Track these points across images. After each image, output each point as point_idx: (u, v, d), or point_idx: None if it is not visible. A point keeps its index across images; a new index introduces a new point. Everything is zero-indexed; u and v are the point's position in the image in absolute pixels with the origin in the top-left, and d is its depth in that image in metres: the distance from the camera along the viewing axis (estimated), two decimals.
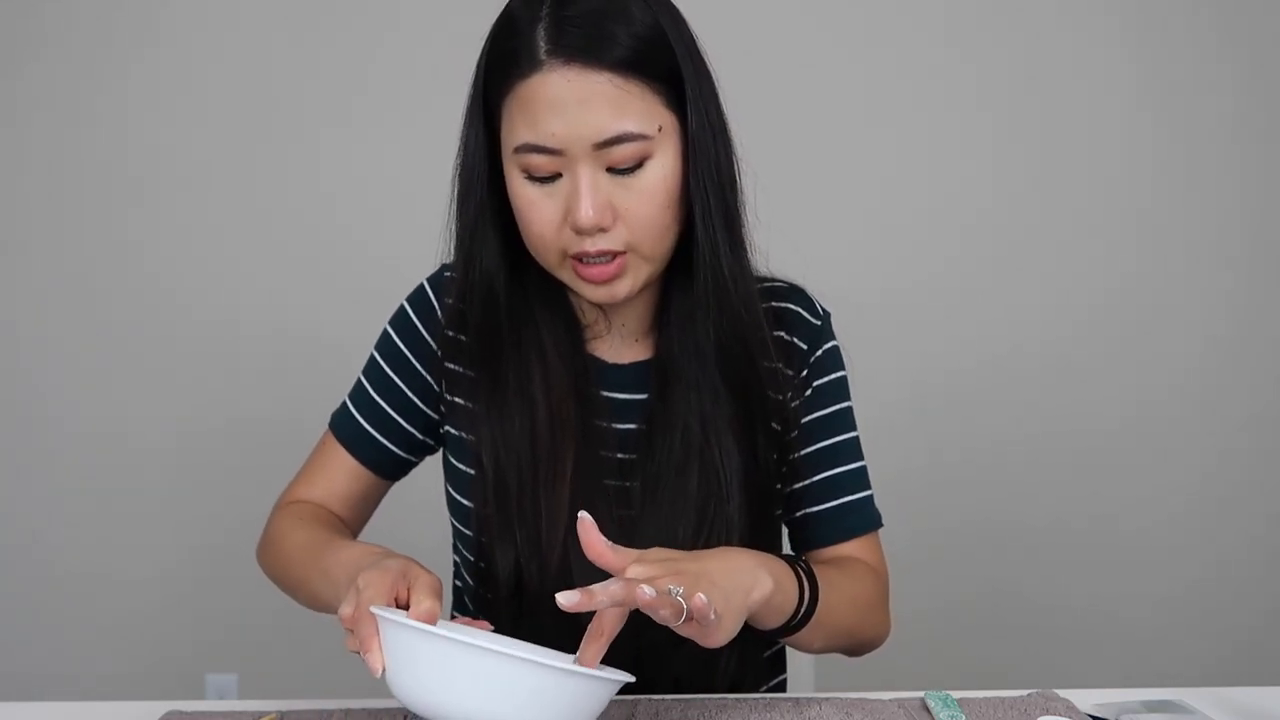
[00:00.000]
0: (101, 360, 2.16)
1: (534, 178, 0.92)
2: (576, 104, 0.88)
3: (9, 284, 2.16)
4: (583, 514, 0.80)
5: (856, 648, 1.05)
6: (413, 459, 1.12)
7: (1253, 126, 2.19)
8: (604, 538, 0.80)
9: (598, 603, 0.75)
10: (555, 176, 0.91)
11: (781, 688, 1.17)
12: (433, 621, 0.78)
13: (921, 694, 0.95)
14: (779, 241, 1.06)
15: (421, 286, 1.09)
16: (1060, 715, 0.89)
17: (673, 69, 0.92)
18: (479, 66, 0.95)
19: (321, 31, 2.13)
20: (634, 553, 0.81)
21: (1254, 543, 2.24)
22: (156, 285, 2.15)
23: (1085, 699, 0.95)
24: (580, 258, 0.93)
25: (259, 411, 2.16)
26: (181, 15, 2.12)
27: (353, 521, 1.12)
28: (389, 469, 1.11)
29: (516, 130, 0.91)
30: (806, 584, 0.91)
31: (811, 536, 1.07)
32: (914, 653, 2.17)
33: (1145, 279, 2.21)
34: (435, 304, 1.07)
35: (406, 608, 0.80)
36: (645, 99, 0.90)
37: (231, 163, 2.14)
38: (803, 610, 0.91)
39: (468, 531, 1.05)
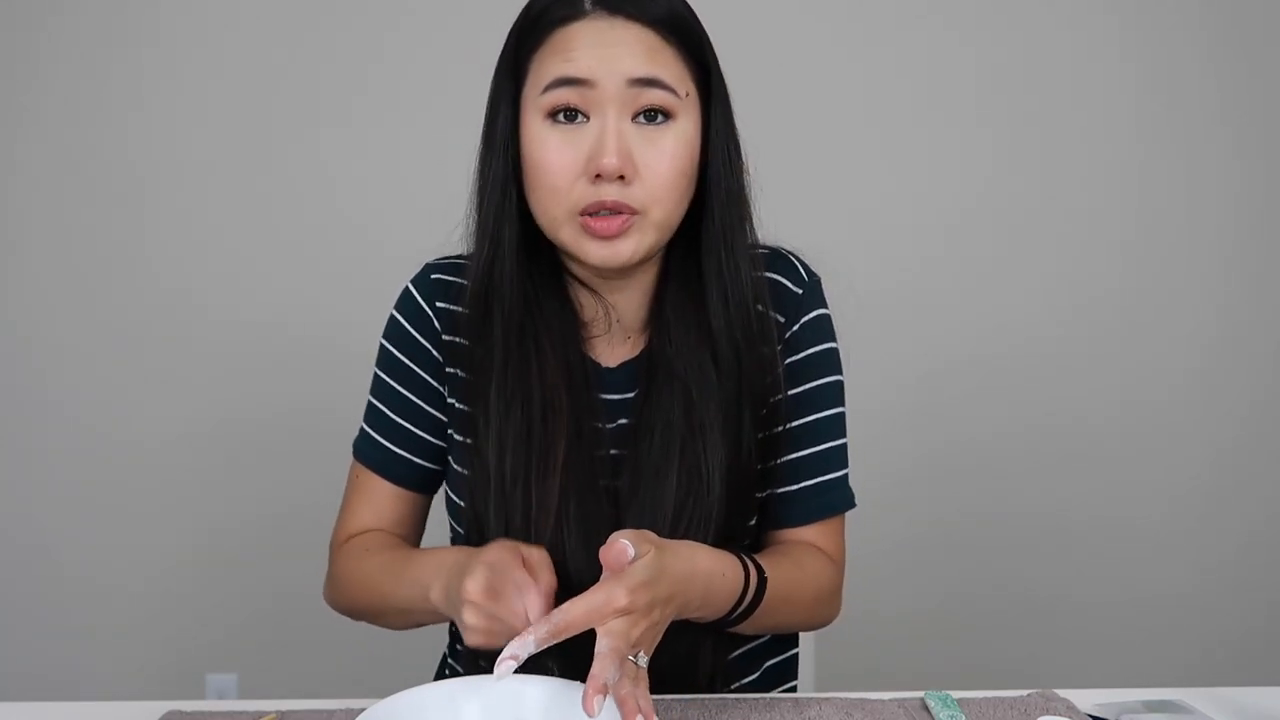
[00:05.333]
0: (102, 360, 2.16)
1: (558, 121, 0.93)
2: (615, 44, 0.92)
3: (13, 282, 2.15)
4: (627, 544, 0.81)
5: (799, 630, 1.08)
6: (441, 468, 1.11)
7: (1249, 122, 2.19)
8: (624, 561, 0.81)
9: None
10: (580, 120, 0.92)
11: (791, 667, 1.17)
12: (551, 596, 0.86)
13: (921, 694, 0.95)
14: (775, 236, 1.06)
15: (408, 291, 1.08)
16: (1060, 715, 0.89)
17: (700, 54, 0.96)
18: (511, 32, 0.97)
19: (331, 30, 2.12)
20: (641, 548, 0.82)
21: (1254, 542, 2.24)
22: (159, 286, 2.15)
23: (1085, 699, 0.95)
24: (591, 212, 0.93)
25: (260, 412, 2.16)
26: (188, 14, 2.12)
27: (410, 544, 1.12)
28: (423, 483, 1.11)
29: (548, 70, 0.93)
30: (750, 596, 0.93)
31: (778, 516, 1.06)
32: (914, 653, 2.18)
33: (1144, 273, 2.21)
34: (427, 309, 1.07)
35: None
36: (678, 62, 0.94)
37: (239, 161, 2.14)
38: (733, 618, 0.93)
39: (463, 531, 1.05)
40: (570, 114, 0.93)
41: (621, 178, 0.92)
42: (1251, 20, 2.18)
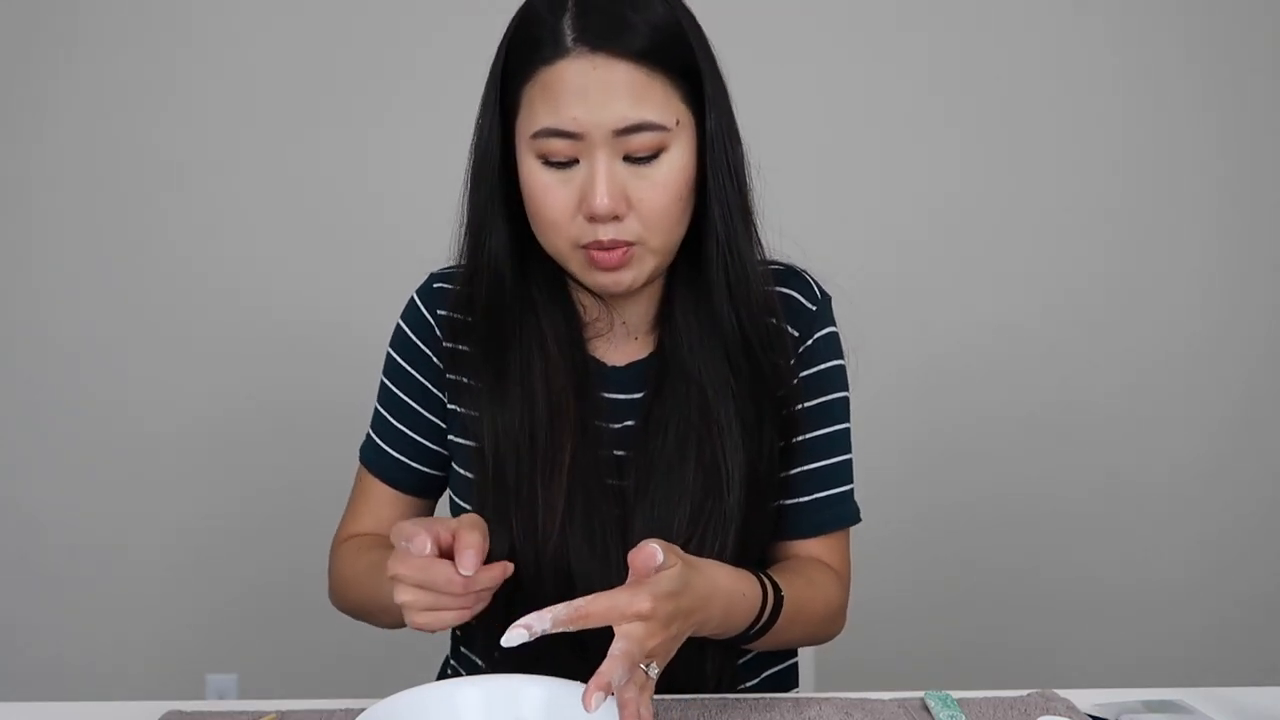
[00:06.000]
0: (104, 359, 2.16)
1: (550, 164, 0.93)
2: (599, 90, 0.90)
3: (30, 279, 2.15)
4: (656, 548, 0.81)
5: (804, 646, 1.08)
6: (444, 475, 1.12)
7: (1232, 112, 2.19)
8: (650, 567, 0.81)
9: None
10: (571, 163, 0.92)
11: (792, 673, 1.17)
12: (482, 551, 0.83)
13: (921, 694, 0.95)
14: (774, 233, 1.06)
15: (412, 300, 1.10)
16: (1060, 715, 0.89)
17: (690, 65, 0.94)
18: (498, 55, 0.96)
19: (358, 23, 2.12)
20: (668, 561, 0.82)
21: (1255, 541, 2.24)
22: (162, 282, 2.15)
23: (1085, 699, 0.95)
24: (592, 247, 0.93)
25: (263, 413, 2.16)
26: (214, 9, 2.11)
27: None
28: (425, 490, 1.12)
29: (536, 115, 0.92)
30: (768, 614, 0.93)
31: (785, 527, 1.06)
32: (914, 653, 2.18)
33: (1131, 265, 2.21)
34: (429, 317, 1.08)
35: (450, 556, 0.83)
36: (665, 91, 0.92)
37: (259, 154, 2.13)
38: (750, 635, 0.93)
39: None
40: (560, 161, 0.93)
41: (616, 217, 0.92)
42: (1233, 11, 2.18)
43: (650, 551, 0.81)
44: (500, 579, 0.86)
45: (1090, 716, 0.92)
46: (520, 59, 0.93)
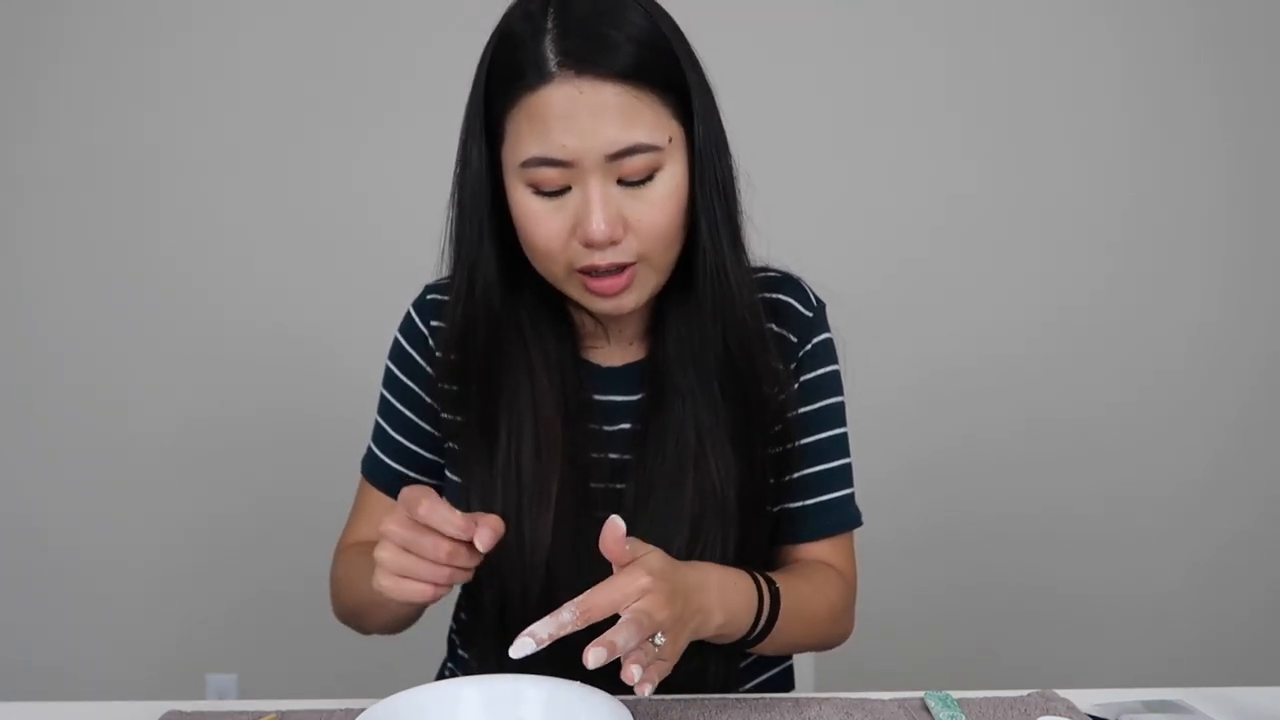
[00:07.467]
0: (105, 360, 2.16)
1: (541, 193, 0.90)
2: (588, 115, 0.86)
3: (13, 282, 2.15)
4: (616, 518, 0.80)
5: (815, 650, 1.07)
6: (443, 485, 1.11)
7: (1238, 120, 2.19)
8: (623, 543, 0.80)
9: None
10: (564, 190, 0.90)
11: (788, 677, 1.17)
12: (498, 535, 0.84)
13: (921, 694, 0.95)
14: (771, 244, 1.06)
15: (409, 314, 1.10)
16: (1060, 715, 0.89)
17: (676, 78, 0.91)
18: (478, 79, 0.93)
19: (352, 27, 2.11)
20: (641, 549, 0.82)
21: (1255, 541, 2.24)
22: (161, 285, 2.15)
23: (1085, 699, 0.95)
24: (589, 271, 0.92)
25: (264, 413, 2.16)
26: (204, 15, 2.11)
27: None
28: None
29: (524, 144, 0.89)
30: (767, 608, 0.92)
31: (787, 533, 1.06)
32: (914, 653, 2.18)
33: (1138, 273, 2.21)
34: (423, 329, 1.08)
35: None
36: (655, 109, 0.89)
37: (254, 161, 2.13)
38: (755, 633, 0.92)
39: None
40: (552, 190, 0.90)
41: (614, 241, 0.90)
42: (1239, 14, 2.17)
43: (612, 523, 0.80)
44: (474, 561, 0.85)
45: (1090, 716, 0.92)
46: (502, 84, 0.90)
